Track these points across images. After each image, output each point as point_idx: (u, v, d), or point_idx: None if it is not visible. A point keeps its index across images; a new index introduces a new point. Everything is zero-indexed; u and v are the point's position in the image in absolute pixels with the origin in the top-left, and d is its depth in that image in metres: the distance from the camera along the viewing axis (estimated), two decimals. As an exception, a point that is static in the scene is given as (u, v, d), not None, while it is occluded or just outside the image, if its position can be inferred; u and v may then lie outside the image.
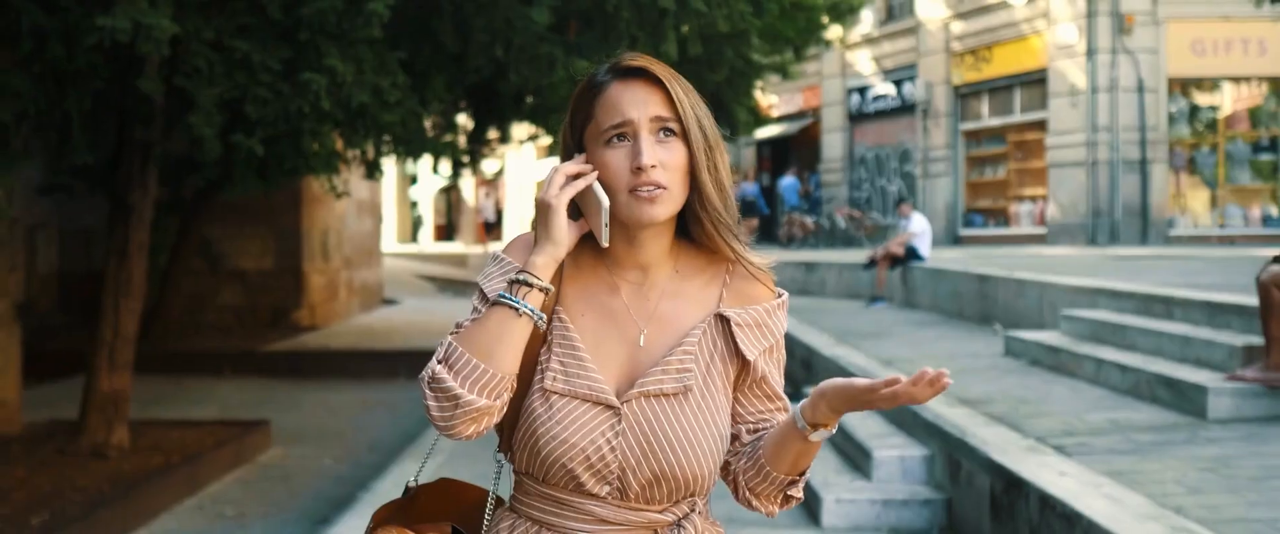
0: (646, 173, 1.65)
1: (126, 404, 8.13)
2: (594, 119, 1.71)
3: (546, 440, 1.68)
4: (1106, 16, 18.66)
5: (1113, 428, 5.50)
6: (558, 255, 1.70)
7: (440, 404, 1.64)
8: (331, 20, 5.21)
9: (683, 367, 1.71)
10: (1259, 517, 3.83)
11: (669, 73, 1.71)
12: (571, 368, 1.71)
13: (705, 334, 1.74)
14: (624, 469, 1.68)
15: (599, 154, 1.70)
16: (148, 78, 5.11)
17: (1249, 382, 5.60)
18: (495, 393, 1.65)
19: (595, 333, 1.74)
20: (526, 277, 1.68)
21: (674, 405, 1.69)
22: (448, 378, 1.64)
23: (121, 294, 7.88)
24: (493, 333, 1.66)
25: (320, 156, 6.54)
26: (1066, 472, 4.56)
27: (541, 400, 1.70)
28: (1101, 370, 6.79)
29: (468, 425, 1.65)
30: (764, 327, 1.75)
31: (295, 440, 9.45)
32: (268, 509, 7.54)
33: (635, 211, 1.67)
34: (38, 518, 6.35)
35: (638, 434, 1.68)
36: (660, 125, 1.69)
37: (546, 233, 1.69)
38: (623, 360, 1.73)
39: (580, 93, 1.75)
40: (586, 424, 1.68)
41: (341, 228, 17.83)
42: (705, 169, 1.69)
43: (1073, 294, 8.82)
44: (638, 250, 1.75)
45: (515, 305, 1.66)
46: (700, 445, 1.69)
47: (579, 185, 1.68)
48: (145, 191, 7.65)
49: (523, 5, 5.61)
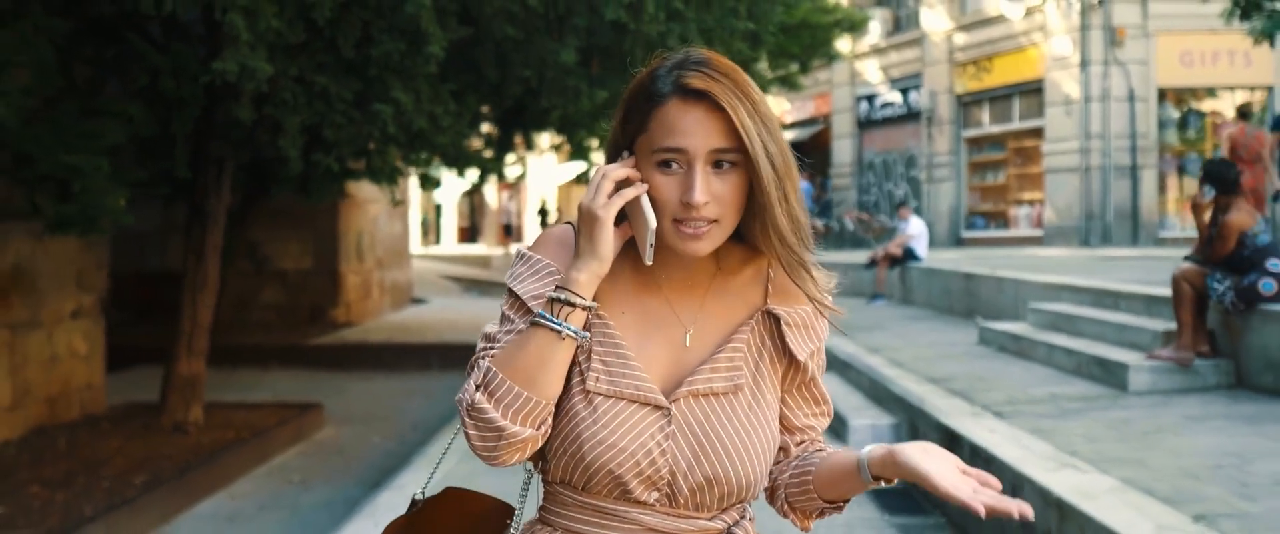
0: (697, 209, 1.50)
1: (202, 386, 9.23)
2: (648, 132, 1.55)
3: (592, 445, 1.55)
4: (1099, 30, 19.60)
5: (1048, 399, 6.55)
6: (601, 272, 1.55)
7: (482, 434, 1.52)
8: (396, 59, 6.30)
9: (733, 365, 1.61)
10: (1133, 457, 4.87)
11: (737, 91, 1.51)
12: (615, 368, 1.58)
13: (753, 331, 1.64)
14: (674, 473, 1.55)
15: (648, 171, 1.54)
16: (244, 107, 6.19)
17: (1163, 360, 6.63)
18: (539, 420, 1.53)
19: (638, 332, 1.62)
20: (568, 296, 1.53)
21: (725, 405, 1.58)
22: (489, 408, 1.51)
23: (198, 290, 8.98)
24: (534, 358, 1.52)
25: (385, 171, 7.64)
26: (996, 429, 5.62)
27: (584, 403, 1.57)
28: (1052, 354, 7.83)
29: (511, 454, 1.54)
30: (811, 328, 1.67)
31: (345, 421, 10.54)
32: (328, 476, 8.61)
33: (679, 244, 1.54)
34: (139, 478, 7.45)
35: (689, 436, 1.56)
36: (718, 157, 1.52)
37: (591, 247, 1.54)
38: (667, 361, 1.61)
39: (635, 93, 1.58)
40: (634, 426, 1.55)
41: (374, 231, 18.83)
42: (777, 202, 1.53)
43: (1041, 289, 9.86)
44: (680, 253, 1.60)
45: (557, 328, 1.52)
46: (753, 446, 1.58)
47: (628, 195, 1.53)
48: (220, 199, 8.75)
49: (553, 44, 6.69)
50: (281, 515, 7.42)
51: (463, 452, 1.66)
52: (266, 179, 10.02)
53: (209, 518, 7.38)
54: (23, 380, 8.55)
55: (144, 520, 6.91)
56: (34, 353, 8.70)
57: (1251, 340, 6.44)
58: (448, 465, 1.97)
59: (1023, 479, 4.60)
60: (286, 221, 16.28)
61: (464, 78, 7.19)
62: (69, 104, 6.52)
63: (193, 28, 7.41)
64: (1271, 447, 4.95)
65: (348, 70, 6.54)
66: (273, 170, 8.20)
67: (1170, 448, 5.02)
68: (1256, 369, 6.40)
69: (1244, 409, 5.88)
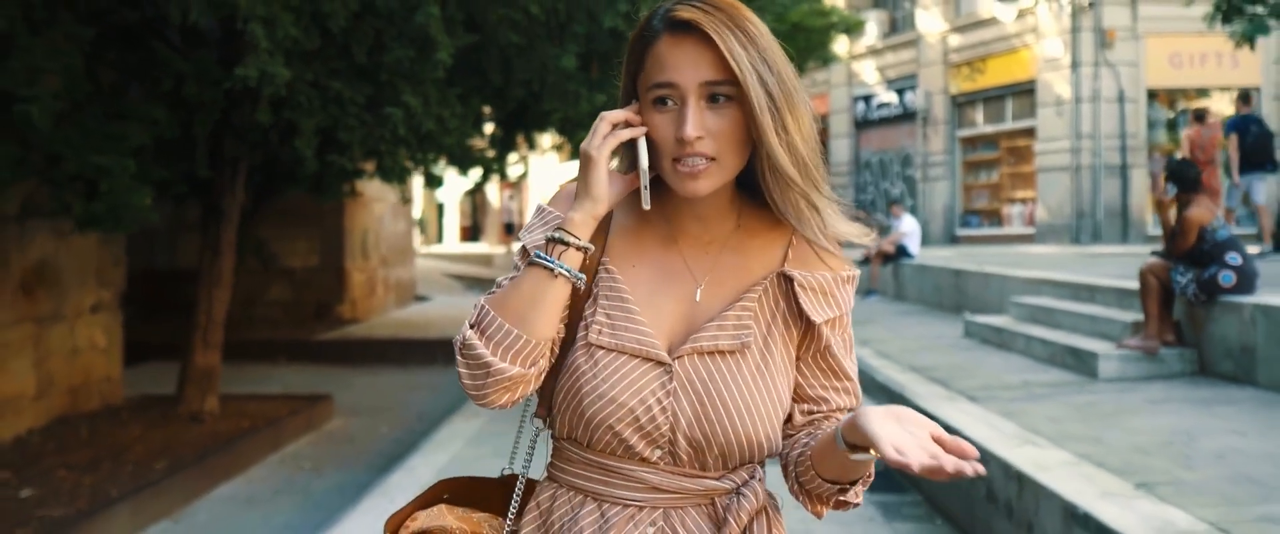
0: (691, 144, 1.46)
1: (217, 378, 9.62)
2: (644, 72, 1.52)
3: (591, 399, 1.53)
4: (1090, 31, 19.96)
5: (1021, 385, 6.93)
6: (597, 212, 1.54)
7: (472, 371, 1.51)
8: (406, 65, 6.69)
9: (741, 323, 1.56)
10: (1091, 435, 5.24)
11: (729, 21, 1.46)
12: (619, 321, 1.56)
13: (766, 293, 1.59)
14: (675, 430, 1.52)
15: (646, 112, 1.52)
16: (263, 110, 6.57)
17: (1131, 349, 7.01)
18: (529, 360, 1.51)
19: (649, 286, 1.59)
20: (563, 235, 1.53)
21: (730, 364, 1.54)
22: (478, 344, 1.50)
23: (214, 285, 9.37)
24: (526, 296, 1.51)
25: (395, 171, 8.03)
26: (969, 412, 6.00)
27: (586, 356, 1.55)
28: (1030, 345, 8.21)
29: (500, 394, 1.51)
30: (831, 296, 1.59)
31: (353, 413, 10.92)
32: (338, 463, 8.98)
33: (678, 184, 1.50)
34: (160, 464, 7.84)
35: (690, 393, 1.52)
36: (711, 90, 1.47)
37: (585, 187, 1.54)
38: (677, 316, 1.58)
39: (634, 38, 1.55)
40: (634, 381, 1.53)
41: (379, 229, 19.16)
42: (772, 131, 1.46)
43: (1023, 284, 10.24)
44: (694, 203, 1.58)
45: (550, 266, 1.51)
46: (757, 408, 1.53)
47: (622, 136, 1.52)
48: (235, 198, 9.14)
49: (555, 50, 7.08)
50: (296, 499, 7.80)
51: (469, 437, 1.64)
52: (277, 178, 10.41)
53: (227, 501, 7.76)
54: (47, 372, 8.94)
55: (167, 502, 7.30)
56: (57, 345, 9.09)
57: (1212, 330, 6.81)
58: (454, 448, 2.04)
59: (989, 455, 4.97)
60: (294, 220, 16.61)
61: (469, 82, 7.58)
62: (96, 107, 6.90)
63: (209, 34, 7.80)
64: (1219, 426, 5.34)
65: (360, 75, 6.93)
66: (287, 170, 8.59)
67: (1127, 427, 5.41)
68: (1217, 357, 6.77)
69: (1202, 393, 6.25)
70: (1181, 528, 3.60)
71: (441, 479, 1.76)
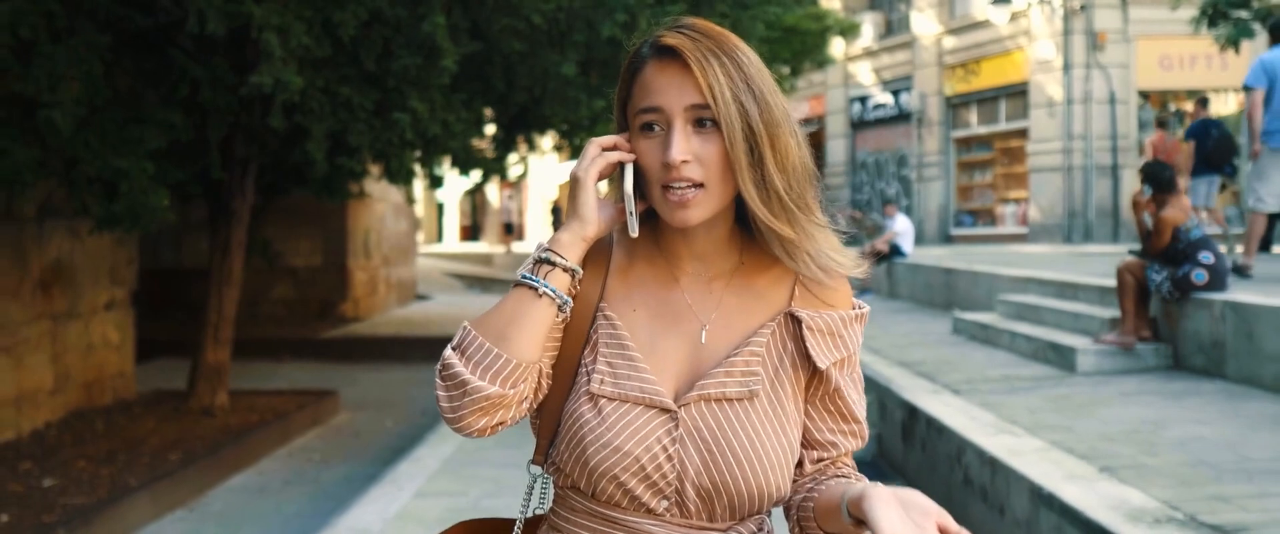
0: (676, 169, 1.44)
1: (227, 373, 9.91)
2: (632, 99, 1.52)
3: (596, 448, 1.47)
4: (1081, 34, 20.26)
5: (1003, 379, 7.22)
6: (586, 234, 1.51)
7: (449, 392, 1.47)
8: (413, 72, 6.98)
9: (749, 369, 1.51)
10: (1064, 425, 5.53)
11: (715, 47, 1.46)
12: (620, 368, 1.51)
13: (774, 335, 1.55)
14: (682, 480, 1.47)
15: (634, 138, 1.51)
16: (275, 115, 6.86)
17: (1108, 344, 7.30)
18: (509, 380, 1.45)
19: (649, 329, 1.54)
20: (550, 255, 1.50)
21: (738, 411, 1.49)
22: (457, 363, 1.46)
23: (224, 283, 9.65)
24: (508, 314, 1.48)
25: (402, 174, 8.32)
26: (950, 404, 6.29)
27: (589, 406, 1.50)
28: (1015, 340, 8.50)
29: (477, 417, 1.46)
30: (838, 336, 1.55)
31: (359, 408, 11.20)
32: (345, 456, 9.27)
33: (667, 213, 1.48)
34: (174, 455, 8.13)
35: (697, 441, 1.48)
36: (697, 115, 1.45)
37: (574, 208, 1.52)
38: (681, 360, 1.53)
39: (625, 66, 1.55)
40: (640, 430, 1.48)
41: (381, 229, 19.43)
42: (746, 162, 1.44)
43: (1010, 282, 10.53)
44: (691, 240, 1.55)
45: (534, 285, 1.48)
46: (767, 456, 1.48)
47: (611, 159, 1.51)
48: (245, 200, 9.43)
49: (556, 57, 7.37)
50: (305, 489, 8.09)
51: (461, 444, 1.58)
52: (283, 179, 10.70)
53: (240, 491, 8.05)
54: (63, 367, 9.23)
55: (183, 492, 7.59)
56: (73, 341, 9.38)
57: (1186, 326, 7.10)
58: (459, 440, 1.75)
59: (966, 443, 5.27)
60: (297, 220, 16.90)
61: (473, 87, 7.87)
62: (114, 112, 7.18)
63: (221, 41, 8.09)
64: (1185, 416, 5.63)
65: (369, 82, 7.23)
66: (294, 170, 8.88)
67: (1098, 417, 5.70)
68: (1190, 352, 7.07)
69: (1174, 386, 6.54)
70: (1136, 506, 3.89)
71: (460, 522, 1.69)
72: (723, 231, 1.55)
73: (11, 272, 8.47)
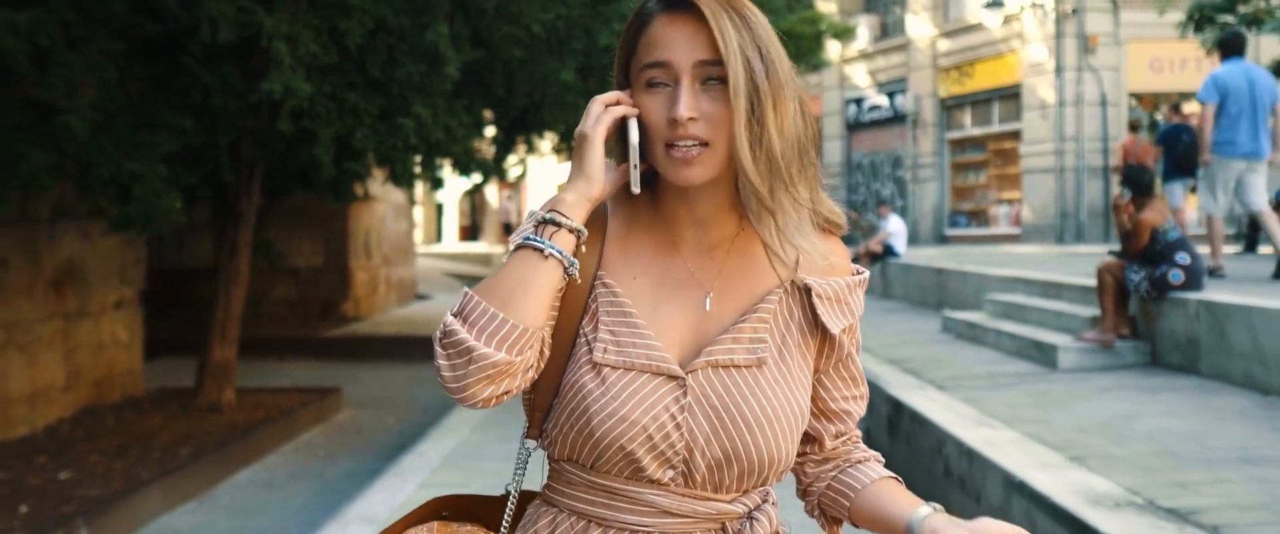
0: (683, 126, 1.40)
1: (234, 370, 10.16)
2: (635, 55, 1.48)
3: (601, 419, 1.43)
4: (1073, 37, 20.52)
5: (987, 375, 7.47)
6: (591, 193, 1.46)
7: (451, 361, 1.39)
8: (417, 78, 7.25)
9: (757, 336, 1.48)
10: (1041, 418, 5.79)
11: (724, 5, 1.42)
12: (624, 337, 1.47)
13: (780, 302, 1.52)
14: (691, 448, 1.43)
15: (638, 96, 1.46)
16: (284, 120, 7.12)
17: (1089, 342, 7.56)
18: (516, 347, 1.39)
19: (651, 296, 1.50)
20: (553, 215, 1.44)
21: (747, 378, 1.46)
22: (460, 329, 1.39)
23: (231, 283, 9.91)
24: (513, 278, 1.41)
25: (406, 176, 8.58)
26: (934, 399, 6.54)
27: (592, 375, 1.45)
28: (1000, 339, 8.75)
29: (483, 386, 1.39)
30: (845, 303, 1.53)
31: (361, 405, 11.44)
32: (349, 451, 9.51)
33: (671, 172, 1.43)
34: (184, 450, 8.38)
35: (706, 408, 1.44)
36: (706, 73, 1.42)
37: (579, 167, 1.47)
38: (685, 327, 1.49)
39: (630, 22, 1.50)
40: (646, 398, 1.43)
41: (381, 229, 19.64)
42: (744, 119, 1.40)
43: (998, 282, 10.79)
44: (692, 204, 1.51)
45: (539, 246, 1.42)
46: (777, 422, 1.45)
47: (616, 113, 1.46)
48: (251, 201, 9.68)
49: (555, 64, 7.64)
50: (311, 484, 8.33)
51: (475, 424, 1.50)
52: (287, 181, 10.96)
53: (247, 485, 8.30)
54: (75, 365, 9.48)
55: (193, 485, 7.84)
56: (84, 339, 9.63)
57: (1163, 324, 7.36)
58: (462, 434, 1.62)
59: (946, 435, 5.52)
60: (299, 221, 17.07)
61: (474, 92, 8.13)
62: (128, 118, 7.43)
63: (230, 49, 8.34)
64: (1156, 410, 5.88)
65: (374, 88, 7.48)
66: (298, 172, 9.14)
67: (1074, 411, 5.95)
68: (1167, 349, 7.32)
69: (1150, 382, 6.80)
70: (1100, 492, 4.14)
71: (438, 497, 1.65)
72: (725, 196, 1.50)
73: (25, 271, 8.72)
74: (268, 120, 7.58)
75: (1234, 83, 8.66)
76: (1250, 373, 6.31)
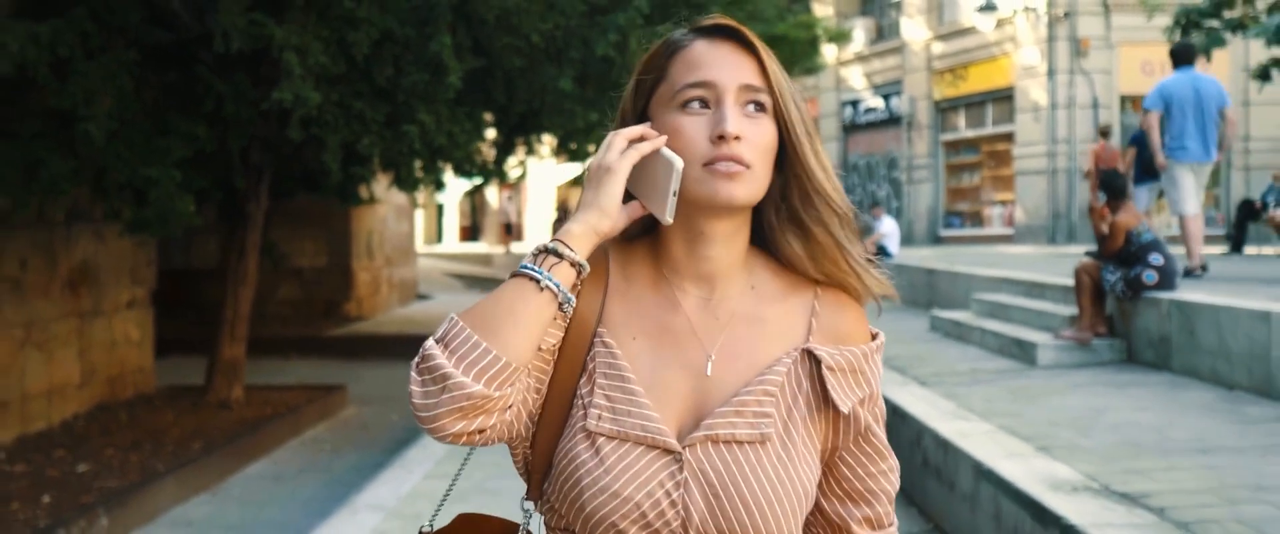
0: (729, 144, 1.34)
1: (243, 368, 10.47)
2: (668, 78, 1.41)
3: (593, 493, 1.35)
4: (1065, 41, 20.85)
5: (969, 372, 7.77)
6: (600, 227, 1.36)
7: (425, 387, 1.29)
8: (421, 87, 7.56)
9: (761, 410, 1.38)
10: (1014, 411, 6.08)
11: (758, 38, 1.41)
12: (619, 404, 1.38)
13: (789, 374, 1.41)
14: (685, 527, 1.35)
15: (670, 119, 1.39)
16: (294, 128, 7.43)
17: (1066, 339, 7.86)
18: (495, 381, 1.28)
19: (651, 358, 1.41)
20: (557, 245, 1.35)
21: (748, 455, 1.37)
22: (439, 355, 1.29)
23: (240, 284, 10.21)
24: (503, 306, 1.32)
25: (410, 181, 8.91)
26: (916, 394, 6.84)
27: (586, 445, 1.37)
28: (984, 337, 9.06)
29: (454, 419, 1.28)
30: (860, 373, 1.44)
31: (365, 402, 11.74)
32: (354, 446, 9.81)
33: (711, 189, 1.35)
34: (196, 444, 8.68)
35: (703, 485, 1.35)
36: (749, 97, 1.37)
37: (594, 197, 1.37)
38: (685, 394, 1.40)
39: (652, 55, 1.44)
40: (640, 473, 1.35)
41: (383, 230, 19.92)
42: (810, 154, 1.40)
43: (986, 282, 11.10)
44: (704, 256, 1.43)
45: (536, 276, 1.33)
46: (779, 504, 1.36)
47: (645, 149, 1.37)
48: (259, 204, 9.98)
49: (554, 72, 7.95)
50: (319, 476, 8.64)
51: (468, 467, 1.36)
52: (292, 185, 11.28)
53: (257, 477, 8.61)
54: (89, 362, 9.79)
55: (206, 477, 8.15)
56: (98, 338, 9.94)
57: (1137, 323, 7.66)
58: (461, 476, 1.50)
59: (924, 428, 5.82)
60: (302, 222, 17.37)
61: (476, 99, 8.45)
62: (143, 125, 7.74)
63: (241, 58, 8.66)
64: (1125, 404, 6.18)
65: (380, 96, 7.80)
66: (308, 177, 9.46)
67: (1047, 405, 6.25)
68: (1141, 346, 7.62)
69: (1123, 378, 7.10)
70: (1061, 478, 4.45)
71: (462, 514, 1.59)
72: (740, 247, 1.44)
73: (43, 272, 9.03)
74: (278, 127, 7.88)
75: (1179, 91, 9.16)
76: (1216, 369, 6.62)
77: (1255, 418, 5.62)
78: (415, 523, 5.82)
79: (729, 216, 1.40)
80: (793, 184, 1.42)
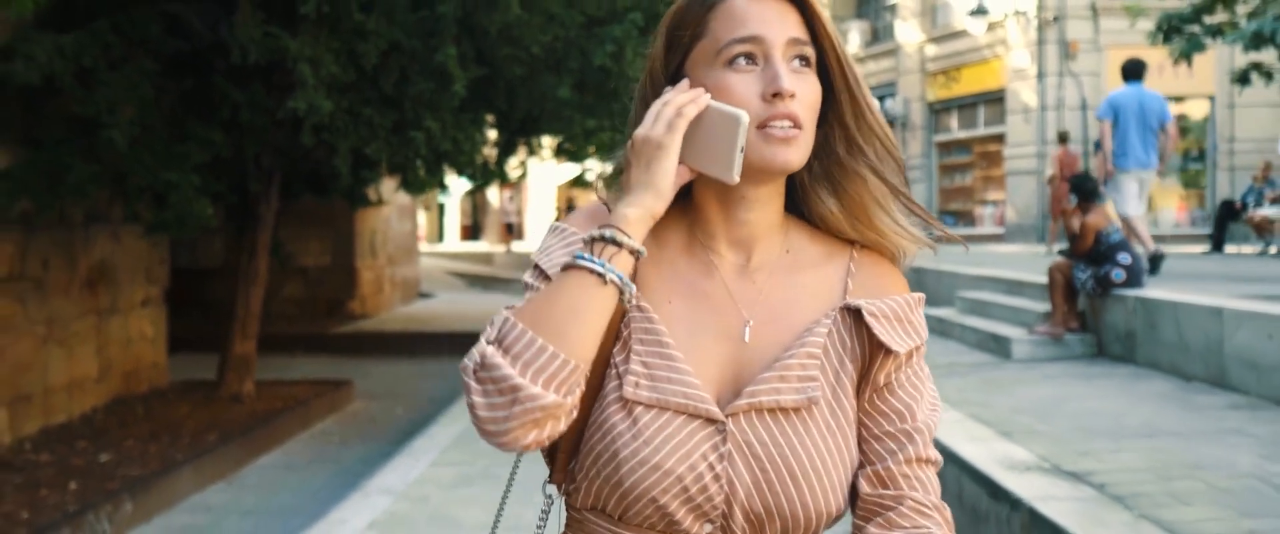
0: (785, 101, 1.25)
1: (253, 363, 10.86)
2: (709, 34, 1.30)
3: (631, 466, 1.25)
4: (1055, 44, 21.23)
5: (947, 365, 8.18)
6: (657, 210, 1.26)
7: (490, 400, 1.18)
8: (427, 95, 7.98)
9: (806, 374, 1.29)
10: (983, 401, 6.50)
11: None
12: (658, 370, 1.28)
13: (832, 333, 1.33)
14: (731, 502, 1.26)
15: (715, 77, 1.29)
16: (306, 134, 7.84)
17: (1040, 334, 8.28)
18: (566, 387, 1.19)
19: (687, 324, 1.32)
20: (614, 233, 1.23)
21: (794, 422, 1.28)
22: (503, 363, 1.17)
23: (250, 282, 10.61)
24: (566, 305, 1.20)
25: (416, 184, 9.32)
26: (895, 385, 7.25)
27: (622, 414, 1.27)
28: (965, 333, 9.47)
29: (527, 430, 1.18)
30: (907, 322, 1.34)
31: (372, 397, 12.13)
32: (362, 438, 10.20)
33: (767, 154, 1.26)
34: (211, 436, 9.09)
35: (748, 457, 1.26)
36: (796, 51, 1.29)
37: (647, 178, 1.26)
38: (723, 360, 1.31)
39: (683, 9, 1.34)
40: (682, 444, 1.25)
41: (386, 229, 20.22)
42: (864, 105, 1.32)
43: (970, 280, 11.51)
44: (742, 220, 1.35)
45: (599, 270, 1.21)
46: (827, 475, 1.28)
47: (690, 115, 1.26)
48: (270, 205, 10.38)
49: (553, 81, 8.38)
50: (328, 467, 9.04)
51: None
52: (300, 186, 11.69)
53: (270, 467, 9.01)
54: (106, 358, 10.20)
55: (221, 466, 8.56)
56: (114, 334, 10.34)
57: (1106, 318, 8.08)
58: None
59: (899, 416, 6.23)
60: (308, 222, 17.68)
61: (479, 106, 8.86)
62: (163, 131, 8.14)
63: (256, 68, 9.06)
64: (1088, 393, 6.60)
65: (388, 104, 8.21)
66: (316, 180, 9.88)
67: (1014, 395, 6.66)
68: (1110, 341, 8.04)
69: (1091, 371, 7.51)
70: (1016, 459, 4.86)
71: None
72: (777, 210, 1.37)
73: (63, 271, 9.43)
74: (291, 134, 8.29)
75: (1126, 103, 9.97)
76: (1175, 361, 7.04)
77: (1204, 406, 6.05)
78: (423, 505, 6.24)
79: (771, 179, 1.33)
80: (837, 135, 1.35)
